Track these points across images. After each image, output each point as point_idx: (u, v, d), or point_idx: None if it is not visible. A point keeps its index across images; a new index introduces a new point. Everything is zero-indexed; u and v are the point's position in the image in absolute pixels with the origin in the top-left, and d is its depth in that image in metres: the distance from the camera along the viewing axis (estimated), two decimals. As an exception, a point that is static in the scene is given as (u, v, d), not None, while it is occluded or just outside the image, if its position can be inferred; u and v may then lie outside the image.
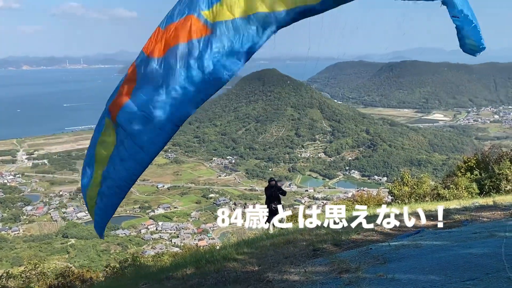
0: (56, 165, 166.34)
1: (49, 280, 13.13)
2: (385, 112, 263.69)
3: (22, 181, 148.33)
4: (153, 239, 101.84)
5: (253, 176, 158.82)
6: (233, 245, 10.49)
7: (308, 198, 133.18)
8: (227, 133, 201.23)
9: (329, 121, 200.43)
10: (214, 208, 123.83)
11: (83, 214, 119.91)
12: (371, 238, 9.14)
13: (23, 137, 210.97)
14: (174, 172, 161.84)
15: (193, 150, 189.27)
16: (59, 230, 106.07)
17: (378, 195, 28.47)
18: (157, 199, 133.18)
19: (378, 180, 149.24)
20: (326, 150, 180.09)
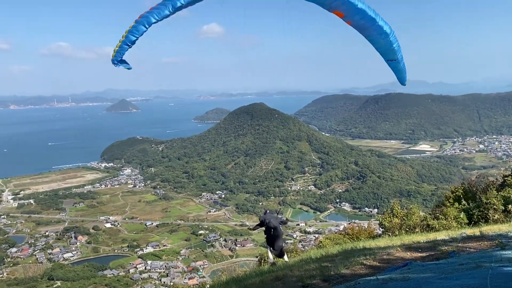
0: (42, 205, 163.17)
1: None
2: (373, 144, 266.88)
3: (7, 222, 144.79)
4: (142, 279, 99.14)
5: (243, 210, 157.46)
6: (222, 284, 10.33)
7: (299, 232, 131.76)
8: (216, 168, 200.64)
9: (317, 153, 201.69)
10: (204, 245, 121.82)
11: (70, 255, 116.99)
12: (359, 272, 9.10)
13: (9, 177, 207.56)
14: (163, 209, 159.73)
15: (182, 186, 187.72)
16: (44, 272, 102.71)
17: (369, 228, 28.41)
18: (146, 237, 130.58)
19: (369, 212, 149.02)
20: (316, 182, 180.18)
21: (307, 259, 12.31)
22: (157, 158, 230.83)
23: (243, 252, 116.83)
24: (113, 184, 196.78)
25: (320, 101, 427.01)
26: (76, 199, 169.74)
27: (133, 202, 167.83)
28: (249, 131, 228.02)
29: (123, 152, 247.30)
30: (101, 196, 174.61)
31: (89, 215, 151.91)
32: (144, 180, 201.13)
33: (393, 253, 10.60)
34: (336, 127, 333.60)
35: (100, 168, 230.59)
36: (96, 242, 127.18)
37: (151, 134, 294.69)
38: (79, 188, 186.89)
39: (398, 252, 10.70)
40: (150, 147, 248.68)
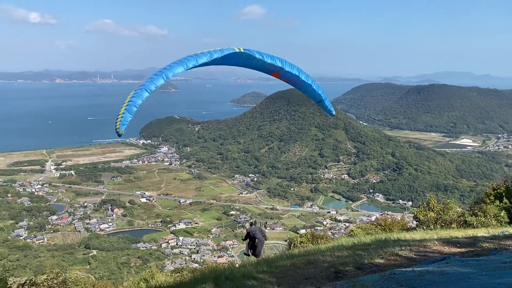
0: (82, 176, 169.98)
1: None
2: (412, 135, 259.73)
3: (49, 190, 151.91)
4: (173, 254, 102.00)
5: (274, 195, 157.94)
6: (253, 264, 10.38)
7: (330, 220, 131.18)
8: (250, 151, 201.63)
9: (353, 143, 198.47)
10: (235, 225, 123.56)
11: (106, 226, 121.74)
12: (394, 263, 8.88)
13: (53, 148, 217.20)
14: (196, 187, 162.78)
15: (216, 167, 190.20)
16: (81, 240, 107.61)
17: (402, 220, 27.79)
18: (179, 214, 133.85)
19: (402, 205, 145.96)
20: (350, 171, 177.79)
21: (339, 246, 12.16)
22: (193, 138, 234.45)
23: (273, 235, 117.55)
24: (150, 160, 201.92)
25: (360, 89, 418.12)
26: (114, 173, 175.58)
27: (168, 179, 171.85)
28: (284, 117, 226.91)
29: (160, 130, 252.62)
30: (138, 172, 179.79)
31: (126, 189, 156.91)
32: (180, 158, 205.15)
33: (430, 246, 10.29)
34: (375, 117, 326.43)
35: (138, 145, 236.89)
36: (131, 216, 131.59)
37: (188, 114, 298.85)
38: (118, 162, 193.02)
39: (435, 246, 10.37)
40: (186, 127, 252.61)
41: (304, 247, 16.95)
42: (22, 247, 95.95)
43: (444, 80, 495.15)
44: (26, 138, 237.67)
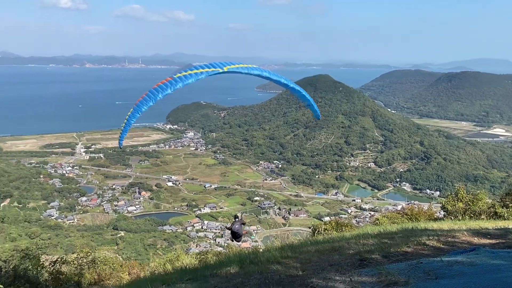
0: (111, 159, 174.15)
1: (99, 268, 13.68)
2: (442, 124, 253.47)
3: (79, 172, 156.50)
4: (198, 237, 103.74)
5: (299, 182, 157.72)
6: (277, 249, 10.41)
7: (354, 208, 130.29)
8: (275, 137, 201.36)
9: (381, 130, 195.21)
10: (259, 211, 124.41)
11: (133, 208, 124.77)
12: (421, 252, 8.73)
13: (83, 131, 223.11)
14: (221, 173, 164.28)
15: (241, 153, 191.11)
16: (110, 222, 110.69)
17: (429, 210, 27.27)
18: (204, 198, 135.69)
19: (430, 194, 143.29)
20: (377, 160, 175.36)
21: (364, 234, 12.04)
22: (218, 124, 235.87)
23: (296, 222, 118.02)
24: (176, 145, 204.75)
25: (389, 75, 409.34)
26: (141, 157, 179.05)
27: (194, 164, 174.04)
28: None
29: (187, 115, 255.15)
30: (165, 156, 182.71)
31: (153, 173, 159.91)
32: (206, 144, 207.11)
33: (458, 237, 10.06)
34: (403, 104, 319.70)
35: (165, 129, 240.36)
36: (158, 199, 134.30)
37: (214, 100, 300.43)
38: (145, 146, 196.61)
39: (464, 236, 10.13)
40: (212, 112, 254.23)
41: (328, 234, 16.90)
42: (54, 226, 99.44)
43: (478, 67, 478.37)
44: (57, 121, 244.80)
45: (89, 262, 13.88)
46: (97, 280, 12.87)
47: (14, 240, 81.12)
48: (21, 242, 78.40)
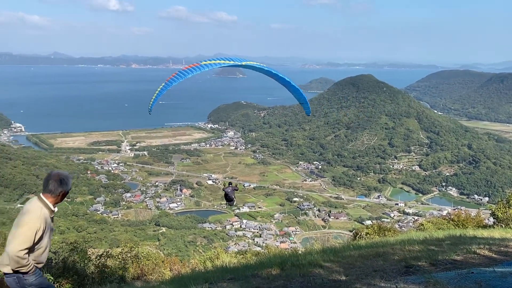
0: (154, 157, 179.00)
1: (142, 263, 14.01)
2: (492, 127, 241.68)
3: (124, 169, 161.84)
4: (237, 236, 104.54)
5: (339, 184, 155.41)
6: (319, 252, 10.24)
7: (397, 212, 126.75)
8: (315, 138, 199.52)
9: (426, 133, 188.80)
10: (298, 212, 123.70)
11: (175, 205, 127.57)
12: (472, 261, 8.31)
13: (128, 129, 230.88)
14: (260, 172, 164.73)
15: (280, 153, 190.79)
16: (152, 218, 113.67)
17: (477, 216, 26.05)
18: (243, 198, 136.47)
19: (478, 200, 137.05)
20: (421, 163, 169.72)
21: (409, 240, 11.66)
22: (258, 124, 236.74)
23: (336, 225, 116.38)
24: (217, 144, 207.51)
25: (436, 76, 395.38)
26: (183, 155, 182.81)
27: (233, 163, 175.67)
28: (353, 104, 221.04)
29: (227, 115, 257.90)
30: (206, 155, 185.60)
31: (194, 171, 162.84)
32: (245, 143, 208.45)
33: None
34: (451, 106, 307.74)
35: (206, 129, 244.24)
36: (199, 197, 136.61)
37: (254, 100, 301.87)
38: (187, 145, 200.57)
39: (519, 246, 9.55)
40: (252, 112, 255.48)
41: (370, 239, 16.51)
42: (99, 221, 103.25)
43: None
44: (105, 119, 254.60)
45: (133, 257, 14.25)
46: (140, 274, 13.19)
47: (62, 233, 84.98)
48: (69, 235, 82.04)
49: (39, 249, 6.03)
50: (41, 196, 6.12)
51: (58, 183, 6.06)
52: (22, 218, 5.91)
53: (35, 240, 5.86)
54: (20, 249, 5.70)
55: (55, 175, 6.12)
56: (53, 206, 6.14)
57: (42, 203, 6.06)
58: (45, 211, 6.02)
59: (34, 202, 6.10)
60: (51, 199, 6.09)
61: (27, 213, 5.96)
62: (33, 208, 6.00)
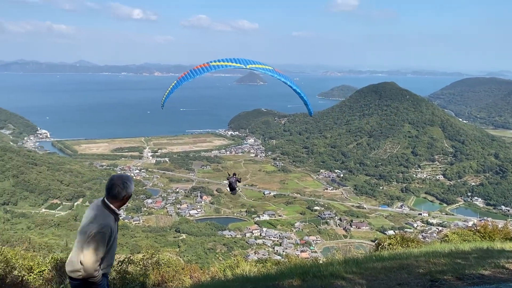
0: (175, 164, 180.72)
1: (162, 270, 14.03)
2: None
3: (146, 175, 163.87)
4: (256, 244, 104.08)
5: (361, 192, 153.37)
6: (341, 263, 10.05)
7: (421, 222, 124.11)
8: (337, 146, 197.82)
9: (451, 141, 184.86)
10: (319, 221, 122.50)
11: (195, 212, 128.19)
12: (500, 276, 8.01)
13: (150, 136, 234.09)
14: (280, 180, 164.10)
15: (301, 161, 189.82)
16: (173, 224, 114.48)
17: (505, 228, 25.20)
18: (263, 205, 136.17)
19: (505, 211, 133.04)
20: (446, 172, 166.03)
21: (434, 252, 11.34)
22: (278, 131, 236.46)
23: (358, 234, 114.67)
24: (237, 151, 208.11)
25: (461, 83, 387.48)
26: (204, 162, 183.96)
27: (253, 170, 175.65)
28: (375, 111, 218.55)
29: (248, 122, 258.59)
30: (226, 162, 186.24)
31: (214, 178, 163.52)
32: (265, 151, 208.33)
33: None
34: (476, 114, 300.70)
35: (226, 136, 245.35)
36: (218, 204, 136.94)
37: (274, 107, 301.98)
38: (207, 152, 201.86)
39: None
40: (273, 119, 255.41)
41: (393, 250, 16.14)
42: (121, 226, 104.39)
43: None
44: (127, 126, 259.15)
45: (154, 264, 14.28)
46: (160, 281, 13.20)
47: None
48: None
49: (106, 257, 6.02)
50: (106, 201, 6.09)
51: (121, 187, 6.07)
52: (90, 226, 5.85)
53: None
54: (95, 260, 5.71)
55: (118, 179, 6.13)
56: (118, 210, 6.15)
57: (108, 208, 6.05)
58: (111, 217, 6.03)
59: (99, 208, 6.08)
60: (115, 204, 6.10)
61: (95, 220, 5.91)
62: (100, 215, 5.98)
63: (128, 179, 6.19)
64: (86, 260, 5.68)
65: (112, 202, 6.08)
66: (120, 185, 6.07)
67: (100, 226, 5.80)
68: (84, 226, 5.93)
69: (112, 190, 6.05)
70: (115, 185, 6.06)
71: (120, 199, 6.10)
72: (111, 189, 6.05)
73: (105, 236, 5.78)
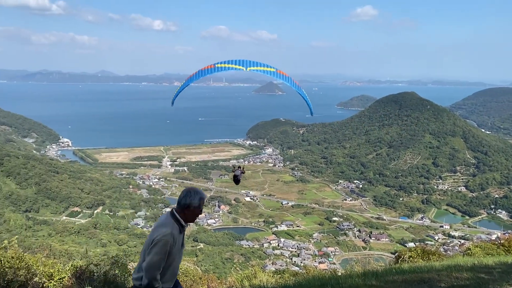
0: (193, 173, 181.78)
1: (180, 279, 14.03)
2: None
3: (165, 184, 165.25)
4: (274, 255, 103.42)
5: (381, 204, 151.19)
6: (360, 275, 9.86)
7: (442, 235, 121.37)
8: (356, 156, 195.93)
9: (473, 152, 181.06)
10: (337, 232, 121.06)
11: (213, 221, 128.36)
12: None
13: (169, 145, 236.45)
14: (299, 190, 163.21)
15: (319, 171, 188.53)
16: (190, 233, 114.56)
17: (532, 242, 24.43)
18: (281, 216, 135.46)
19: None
20: (468, 184, 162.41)
21: (456, 265, 11.03)
22: (297, 141, 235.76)
23: (377, 246, 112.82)
24: (255, 161, 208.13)
25: (483, 94, 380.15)
26: (222, 171, 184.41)
27: (272, 180, 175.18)
28: (395, 122, 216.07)
29: (266, 132, 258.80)
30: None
31: (232, 188, 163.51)
32: (284, 160, 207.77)
33: None
34: (499, 125, 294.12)
35: (244, 145, 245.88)
36: (236, 213, 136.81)
37: (292, 117, 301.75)
38: (225, 161, 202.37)
39: None
40: (291, 129, 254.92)
41: (413, 262, 15.78)
42: (139, 235, 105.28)
43: None
44: (147, 135, 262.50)
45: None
46: (177, 291, 13.19)
47: (104, 246, 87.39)
48: (110, 248, 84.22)
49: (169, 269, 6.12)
50: (174, 211, 6.30)
51: (186, 196, 6.25)
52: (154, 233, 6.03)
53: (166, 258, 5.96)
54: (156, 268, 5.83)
55: (185, 190, 6.38)
56: (185, 222, 6.28)
57: (174, 218, 6.21)
58: (176, 226, 6.15)
59: (167, 217, 6.29)
60: (182, 214, 6.25)
61: (159, 228, 6.07)
62: (165, 223, 6.14)
63: (193, 190, 6.37)
64: (147, 266, 5.82)
65: (179, 212, 6.25)
66: (185, 195, 6.27)
67: (163, 233, 5.93)
68: (150, 234, 6.17)
69: (179, 199, 6.28)
70: (181, 195, 6.29)
71: (184, 208, 6.23)
72: (179, 198, 6.30)
73: (167, 244, 5.89)
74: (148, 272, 5.77)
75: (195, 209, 6.27)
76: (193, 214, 6.31)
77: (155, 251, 5.81)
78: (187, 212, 6.22)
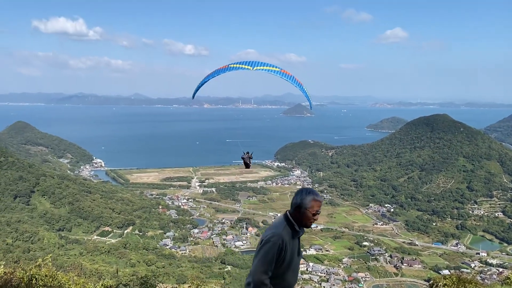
0: (221, 194, 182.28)
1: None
2: None
3: (193, 205, 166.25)
4: (303, 279, 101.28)
5: (413, 228, 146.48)
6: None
7: (479, 262, 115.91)
8: (387, 179, 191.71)
9: (510, 176, 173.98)
10: (368, 257, 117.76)
11: (240, 243, 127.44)
12: None
13: (198, 166, 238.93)
14: (328, 213, 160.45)
15: (349, 194, 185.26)
16: (218, 255, 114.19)
17: None
18: (310, 239, 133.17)
19: None
20: (506, 209, 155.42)
21: (496, 296, 10.45)
22: (326, 163, 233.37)
23: (410, 272, 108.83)
24: (283, 183, 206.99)
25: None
26: (250, 193, 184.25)
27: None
28: (427, 144, 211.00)
29: (294, 153, 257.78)
30: (272, 193, 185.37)
31: (260, 209, 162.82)
32: (312, 183, 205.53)
33: None
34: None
35: (273, 167, 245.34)
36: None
37: (321, 139, 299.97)
38: (253, 183, 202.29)
39: None
40: (320, 151, 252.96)
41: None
42: (168, 255, 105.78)
43: None
44: (177, 156, 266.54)
45: (199, 295, 14.18)
46: (204, 314, 13.05)
47: (133, 266, 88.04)
48: (139, 268, 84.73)
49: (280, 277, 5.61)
50: (288, 213, 5.90)
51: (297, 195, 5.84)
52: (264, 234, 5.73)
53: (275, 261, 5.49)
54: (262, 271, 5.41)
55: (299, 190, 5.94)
56: (299, 226, 5.81)
57: (287, 220, 5.81)
58: (287, 229, 5.73)
59: (279, 218, 5.92)
60: (295, 217, 5.81)
61: (269, 228, 5.78)
62: (275, 224, 5.79)
63: (306, 190, 5.88)
64: (253, 269, 5.49)
65: (292, 214, 5.82)
66: (296, 194, 5.87)
67: (271, 234, 5.57)
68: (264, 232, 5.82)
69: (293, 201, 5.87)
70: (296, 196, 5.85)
71: (295, 208, 5.78)
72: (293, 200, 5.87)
73: (275, 246, 5.46)
74: (254, 275, 5.36)
75: (306, 211, 5.71)
76: (306, 216, 5.73)
77: (262, 253, 5.42)
78: (299, 213, 5.73)
